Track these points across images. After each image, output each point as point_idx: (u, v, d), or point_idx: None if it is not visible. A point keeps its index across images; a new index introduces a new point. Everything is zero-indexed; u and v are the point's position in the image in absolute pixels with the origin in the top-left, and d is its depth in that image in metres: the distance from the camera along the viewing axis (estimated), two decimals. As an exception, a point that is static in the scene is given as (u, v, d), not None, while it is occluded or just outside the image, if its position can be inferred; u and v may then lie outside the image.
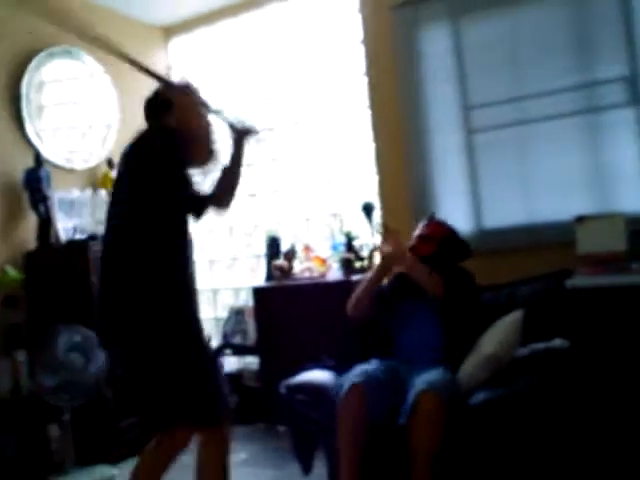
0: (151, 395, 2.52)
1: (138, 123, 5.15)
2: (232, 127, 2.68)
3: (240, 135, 2.66)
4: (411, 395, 2.56)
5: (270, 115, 4.99)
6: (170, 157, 2.38)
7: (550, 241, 3.48)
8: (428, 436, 2.46)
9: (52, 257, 4.12)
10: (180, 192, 2.43)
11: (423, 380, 2.61)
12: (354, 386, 2.64)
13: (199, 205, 2.62)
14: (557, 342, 2.90)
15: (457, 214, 3.83)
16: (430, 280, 3.00)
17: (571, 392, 2.66)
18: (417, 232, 3.28)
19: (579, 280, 2.90)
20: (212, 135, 2.47)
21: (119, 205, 2.45)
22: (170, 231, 2.43)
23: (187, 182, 2.46)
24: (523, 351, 2.88)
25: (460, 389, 2.69)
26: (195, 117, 2.47)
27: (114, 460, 3.88)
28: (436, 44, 3.96)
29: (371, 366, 2.82)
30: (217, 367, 2.59)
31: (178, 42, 5.54)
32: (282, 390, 3.04)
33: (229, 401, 2.55)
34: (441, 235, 3.23)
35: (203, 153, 2.46)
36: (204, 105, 2.60)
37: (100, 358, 3.73)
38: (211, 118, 2.59)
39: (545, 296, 3.11)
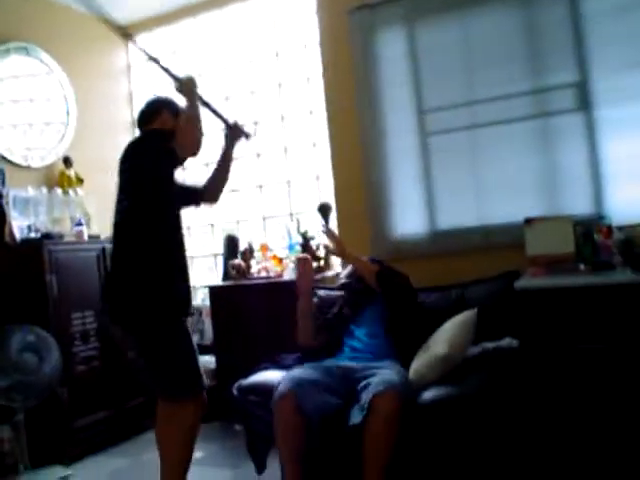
0: (152, 364, 2.74)
1: (95, 121, 5.18)
2: (227, 125, 2.98)
3: (234, 134, 2.97)
4: (366, 395, 2.58)
5: (229, 115, 4.97)
6: (162, 157, 2.64)
7: (502, 243, 3.55)
8: (385, 437, 2.48)
9: (6, 256, 4.06)
10: (170, 189, 2.71)
11: (380, 380, 2.62)
12: (282, 395, 2.66)
13: (191, 199, 2.96)
14: (506, 341, 2.97)
15: (411, 216, 3.90)
16: (366, 265, 3.17)
17: (520, 390, 2.72)
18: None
19: (528, 281, 2.96)
20: (202, 130, 2.69)
21: (119, 202, 2.74)
22: (164, 224, 2.69)
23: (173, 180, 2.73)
24: (474, 350, 2.94)
25: (412, 388, 2.73)
26: (195, 128, 2.69)
27: (69, 460, 3.86)
28: (392, 48, 4.00)
29: (304, 370, 2.84)
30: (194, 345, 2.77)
31: (140, 40, 5.49)
32: (234, 391, 3.06)
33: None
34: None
35: (193, 147, 2.66)
36: (204, 103, 2.86)
37: (54, 357, 3.71)
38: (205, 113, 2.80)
39: (495, 297, 3.19)
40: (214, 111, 2.93)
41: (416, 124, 3.90)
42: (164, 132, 2.72)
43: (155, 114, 2.87)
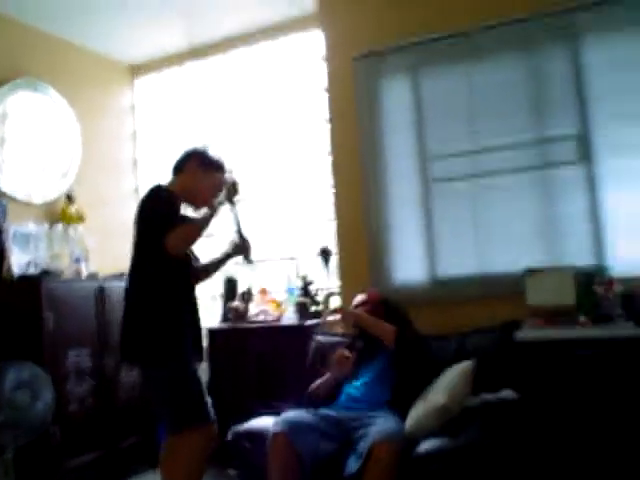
0: (163, 399, 2.74)
1: (99, 158, 5.21)
2: (241, 239, 2.97)
3: (239, 250, 2.98)
4: (364, 444, 2.55)
5: (231, 157, 5.01)
6: (166, 219, 2.65)
7: (502, 292, 3.53)
8: None
9: (4, 291, 4.04)
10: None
11: (379, 429, 2.60)
12: (276, 435, 2.65)
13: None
14: (506, 393, 2.94)
15: (412, 263, 3.90)
16: (383, 327, 3.07)
17: (519, 444, 2.69)
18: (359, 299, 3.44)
19: (528, 332, 2.95)
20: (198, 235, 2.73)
21: (135, 249, 2.80)
22: (170, 274, 2.72)
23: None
24: (473, 401, 2.91)
25: (408, 439, 2.70)
26: (208, 199, 2.82)
27: (57, 502, 3.79)
28: (397, 95, 4.06)
29: (299, 413, 2.82)
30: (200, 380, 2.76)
31: (144, 81, 5.57)
32: (229, 436, 3.03)
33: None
34: (374, 299, 3.37)
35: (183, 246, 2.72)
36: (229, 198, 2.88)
37: (47, 395, 3.66)
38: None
39: (494, 347, 3.16)
40: (238, 222, 2.98)
41: (419, 171, 3.93)
42: (171, 197, 2.80)
43: (185, 161, 2.94)
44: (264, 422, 3.03)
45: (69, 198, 4.68)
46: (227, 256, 3.02)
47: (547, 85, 3.66)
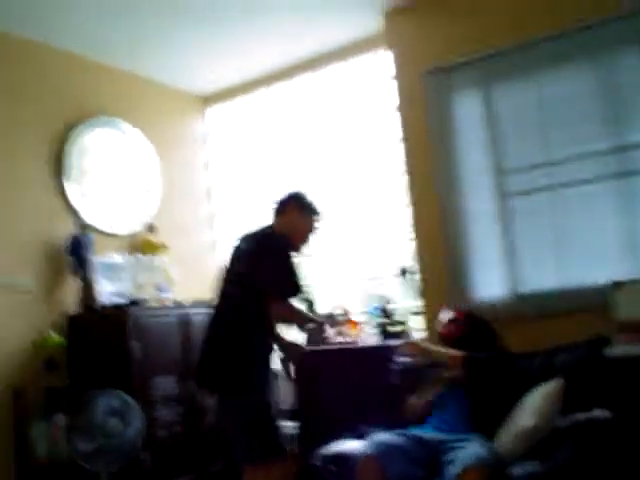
0: (243, 432, 2.81)
1: (177, 188, 5.35)
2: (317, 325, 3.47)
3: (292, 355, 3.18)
4: (455, 469, 2.51)
5: (307, 181, 5.08)
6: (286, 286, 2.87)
7: (585, 306, 3.44)
8: None
9: (93, 321, 4.19)
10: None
11: (470, 453, 2.56)
12: (367, 457, 2.63)
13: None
14: (597, 413, 2.84)
15: (492, 278, 3.84)
16: (450, 356, 3.07)
17: (613, 465, 2.59)
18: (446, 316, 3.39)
19: (619, 349, 2.85)
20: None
21: (235, 279, 2.96)
22: (263, 313, 2.86)
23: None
24: (563, 422, 2.82)
25: (503, 462, 2.64)
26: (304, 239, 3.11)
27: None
28: (468, 109, 4.03)
29: (390, 435, 2.80)
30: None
31: (215, 110, 5.71)
32: (316, 460, 3.03)
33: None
34: (467, 317, 3.34)
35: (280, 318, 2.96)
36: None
37: (138, 422, 3.76)
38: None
39: (583, 364, 3.05)
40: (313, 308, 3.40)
41: (495, 185, 3.89)
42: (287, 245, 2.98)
43: (287, 203, 3.14)
44: (350, 445, 3.02)
45: (151, 228, 4.82)
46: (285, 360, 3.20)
47: (623, 90, 3.57)
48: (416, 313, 4.18)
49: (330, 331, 3.23)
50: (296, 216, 3.10)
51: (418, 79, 4.14)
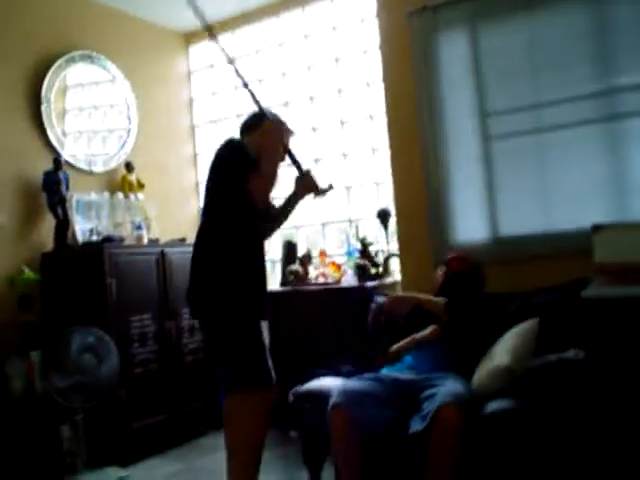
0: (228, 356, 2.70)
1: (156, 127, 5.26)
2: (301, 173, 2.87)
3: (305, 186, 2.88)
4: (431, 405, 2.51)
5: (287, 120, 4.98)
6: (237, 174, 2.63)
7: (567, 250, 3.41)
8: (449, 447, 2.42)
9: (68, 259, 4.14)
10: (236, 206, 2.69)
11: (446, 391, 2.56)
12: (336, 407, 2.61)
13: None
14: (571, 353, 2.84)
15: (473, 222, 3.80)
16: (433, 304, 3.06)
17: (585, 404, 2.60)
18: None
19: (595, 290, 2.83)
20: (276, 178, 2.69)
21: (205, 203, 2.79)
22: (243, 231, 2.71)
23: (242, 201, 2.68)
24: (536, 361, 2.83)
25: (477, 400, 2.65)
26: (274, 154, 2.72)
27: (126, 462, 3.89)
28: (454, 50, 3.92)
29: (357, 382, 2.78)
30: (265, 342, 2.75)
31: (198, 48, 5.57)
32: (290, 398, 3.02)
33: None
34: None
35: (265, 189, 2.68)
36: (286, 146, 2.83)
37: (113, 359, 3.74)
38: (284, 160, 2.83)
39: (560, 306, 3.05)
40: (291, 154, 2.86)
41: (479, 128, 3.80)
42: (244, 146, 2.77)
43: (255, 127, 2.88)
44: (324, 383, 3.02)
45: (128, 166, 4.74)
46: (294, 195, 2.92)
47: (614, 33, 3.45)
48: (395, 255, 4.15)
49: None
50: (263, 132, 2.77)
51: (403, 18, 4.01)
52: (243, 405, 2.64)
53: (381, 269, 4.13)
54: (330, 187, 2.93)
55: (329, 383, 2.97)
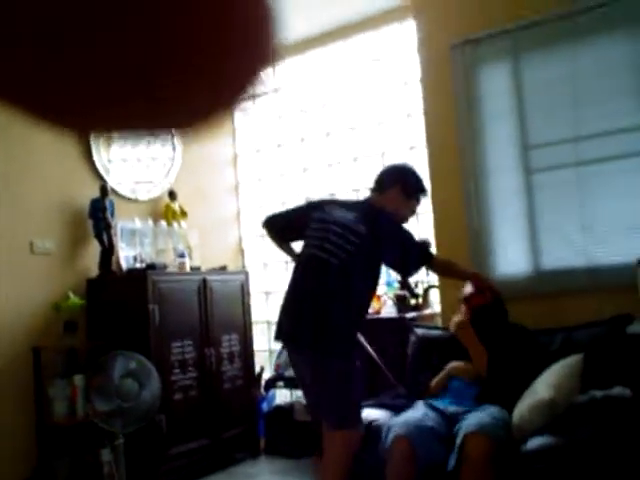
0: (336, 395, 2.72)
1: (198, 156, 5.35)
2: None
3: None
4: (458, 438, 2.51)
5: (330, 152, 5.04)
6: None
7: (610, 284, 3.38)
8: (478, 476, 2.40)
9: (113, 285, 4.23)
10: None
11: (471, 421, 2.55)
12: (398, 438, 2.59)
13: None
14: (617, 390, 2.80)
15: (515, 255, 3.78)
16: (477, 352, 3.00)
17: (632, 443, 2.55)
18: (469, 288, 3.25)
19: (642, 326, 2.80)
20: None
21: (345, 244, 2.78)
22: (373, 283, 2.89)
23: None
24: (581, 398, 2.79)
25: (512, 431, 2.62)
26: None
27: (164, 487, 3.92)
28: (495, 82, 3.95)
29: (416, 412, 2.77)
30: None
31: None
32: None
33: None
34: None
35: None
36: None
37: (154, 385, 3.79)
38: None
39: (605, 341, 3.01)
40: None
41: (520, 161, 3.81)
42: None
43: (390, 184, 3.00)
44: (369, 414, 3.01)
45: (172, 195, 4.82)
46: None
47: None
48: (434, 287, 4.15)
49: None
50: (397, 197, 2.95)
51: (444, 50, 4.05)
52: (341, 445, 2.69)
53: (420, 300, 4.13)
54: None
55: (373, 415, 2.96)
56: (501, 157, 3.88)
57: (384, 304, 4.23)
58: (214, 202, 5.40)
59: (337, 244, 2.76)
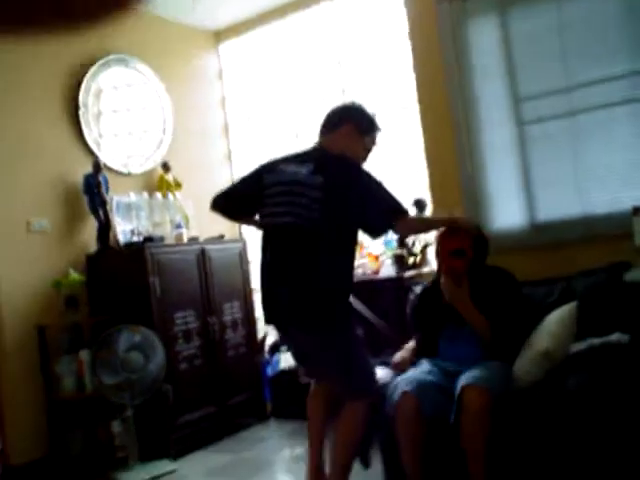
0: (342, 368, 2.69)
1: (190, 126, 5.32)
2: None
3: None
4: (457, 391, 2.55)
5: (320, 111, 5.00)
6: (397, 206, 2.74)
7: (605, 233, 3.39)
8: (475, 433, 2.45)
9: (112, 259, 4.25)
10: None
11: (468, 374, 2.59)
12: (405, 394, 2.62)
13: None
14: (616, 336, 2.82)
15: (509, 208, 3.79)
16: (479, 320, 2.86)
17: (630, 389, 2.59)
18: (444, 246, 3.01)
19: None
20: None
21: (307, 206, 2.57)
22: (351, 241, 2.72)
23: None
24: (580, 346, 2.81)
25: (513, 383, 2.66)
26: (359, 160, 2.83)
27: (175, 455, 3.99)
28: (484, 37, 3.90)
29: (421, 369, 2.81)
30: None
31: (228, 45, 5.61)
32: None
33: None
34: (469, 244, 2.95)
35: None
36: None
37: (159, 356, 3.83)
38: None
39: (602, 289, 3.01)
40: None
41: (511, 114, 3.78)
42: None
43: (340, 122, 2.80)
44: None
45: (165, 166, 4.81)
46: None
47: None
48: (431, 244, 4.16)
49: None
50: (352, 136, 2.75)
51: (431, 6, 3.99)
52: (355, 415, 2.72)
53: (418, 258, 4.14)
54: None
55: (379, 374, 2.99)
56: (492, 110, 3.86)
57: (382, 264, 4.25)
58: (208, 171, 5.38)
59: (299, 205, 2.57)
